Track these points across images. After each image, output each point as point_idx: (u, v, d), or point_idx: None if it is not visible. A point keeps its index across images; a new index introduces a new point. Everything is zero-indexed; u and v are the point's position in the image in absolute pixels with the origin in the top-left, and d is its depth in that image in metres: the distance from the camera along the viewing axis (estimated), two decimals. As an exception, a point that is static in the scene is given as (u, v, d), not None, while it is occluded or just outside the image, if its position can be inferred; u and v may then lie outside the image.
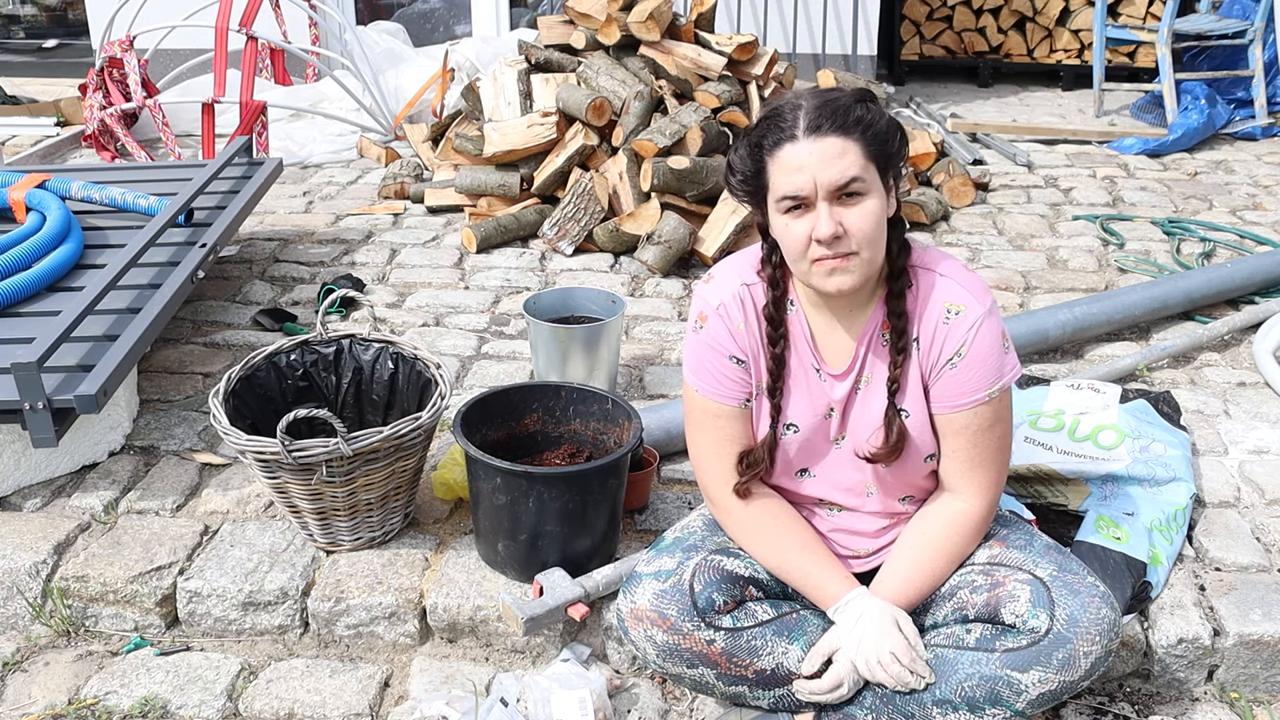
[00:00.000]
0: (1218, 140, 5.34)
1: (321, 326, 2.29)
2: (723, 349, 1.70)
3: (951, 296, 1.63)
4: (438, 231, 3.93)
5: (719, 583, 1.70)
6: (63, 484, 2.34)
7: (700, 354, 1.72)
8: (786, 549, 1.73)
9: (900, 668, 1.63)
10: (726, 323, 1.70)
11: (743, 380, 1.71)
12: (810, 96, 1.57)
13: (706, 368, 1.72)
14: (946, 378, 1.64)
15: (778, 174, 1.56)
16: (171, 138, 4.75)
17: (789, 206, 1.56)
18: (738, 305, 1.70)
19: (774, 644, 1.70)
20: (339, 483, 1.98)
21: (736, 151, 1.62)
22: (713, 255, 3.53)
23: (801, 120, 1.54)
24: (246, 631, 2.06)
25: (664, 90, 3.85)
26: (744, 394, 1.72)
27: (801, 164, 1.53)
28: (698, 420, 1.76)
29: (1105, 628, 1.60)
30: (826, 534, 1.82)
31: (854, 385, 1.71)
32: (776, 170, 1.56)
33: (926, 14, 6.68)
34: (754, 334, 1.70)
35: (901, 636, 1.65)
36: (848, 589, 1.70)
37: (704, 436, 1.76)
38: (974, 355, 1.62)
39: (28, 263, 2.63)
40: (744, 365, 1.71)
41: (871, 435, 1.71)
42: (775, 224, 1.60)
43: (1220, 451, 2.50)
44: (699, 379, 1.73)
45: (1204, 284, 3.19)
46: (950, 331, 1.63)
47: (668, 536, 1.84)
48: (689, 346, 1.75)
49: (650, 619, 1.68)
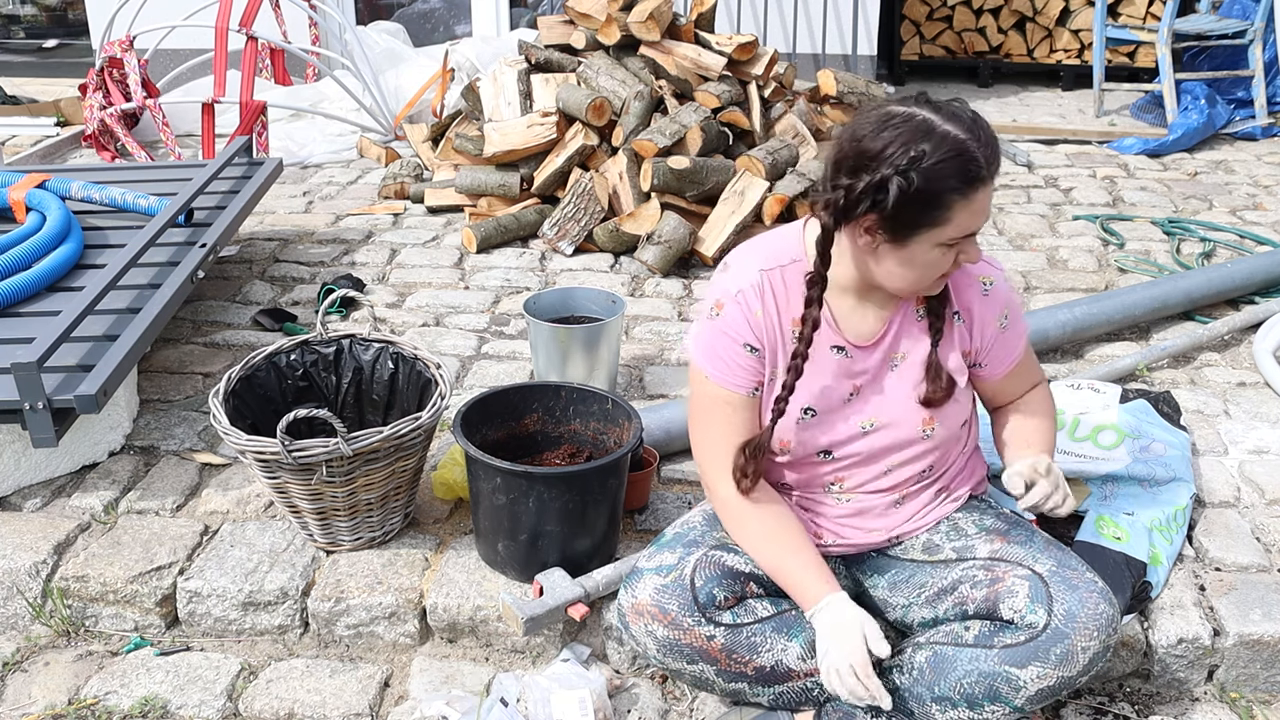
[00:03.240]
0: (1218, 140, 5.34)
1: (321, 326, 2.29)
2: (738, 336, 1.70)
3: (979, 270, 1.76)
4: (438, 231, 3.93)
5: (720, 578, 1.70)
6: (63, 484, 2.34)
7: (714, 340, 1.71)
8: (776, 547, 1.72)
9: (855, 682, 1.60)
10: (744, 310, 1.69)
11: (754, 369, 1.71)
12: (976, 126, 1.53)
13: (719, 354, 1.71)
14: (999, 340, 1.79)
15: (963, 214, 1.54)
16: (172, 138, 4.75)
17: (955, 241, 1.57)
18: (756, 293, 1.69)
19: (773, 641, 1.70)
20: (339, 483, 1.98)
21: (905, 177, 1.49)
22: (712, 255, 3.53)
23: (988, 162, 1.53)
24: (246, 631, 2.06)
25: (664, 90, 3.85)
26: (754, 383, 1.72)
27: (985, 207, 1.55)
28: (705, 407, 1.75)
29: (1103, 623, 1.61)
30: (837, 521, 1.82)
31: (885, 360, 1.73)
32: (963, 210, 1.53)
33: (926, 14, 6.68)
34: (771, 322, 1.70)
35: (863, 650, 1.62)
36: (826, 593, 1.68)
37: (710, 423, 1.75)
38: (1013, 314, 1.80)
39: (28, 263, 2.63)
40: (758, 354, 1.70)
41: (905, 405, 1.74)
42: (919, 252, 1.57)
43: (1220, 451, 2.50)
44: (710, 365, 1.72)
45: (1204, 284, 3.19)
46: (991, 301, 1.77)
47: (668, 532, 1.84)
48: (702, 333, 1.73)
49: (651, 613, 1.68)
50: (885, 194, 1.51)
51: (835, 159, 1.58)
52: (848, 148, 1.56)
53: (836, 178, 1.57)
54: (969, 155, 1.50)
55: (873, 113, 1.56)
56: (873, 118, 1.55)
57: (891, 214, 1.53)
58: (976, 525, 1.82)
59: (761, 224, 3.63)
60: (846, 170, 1.56)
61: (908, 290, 1.65)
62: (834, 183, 1.57)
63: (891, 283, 1.64)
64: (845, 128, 1.59)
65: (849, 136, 1.57)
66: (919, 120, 1.52)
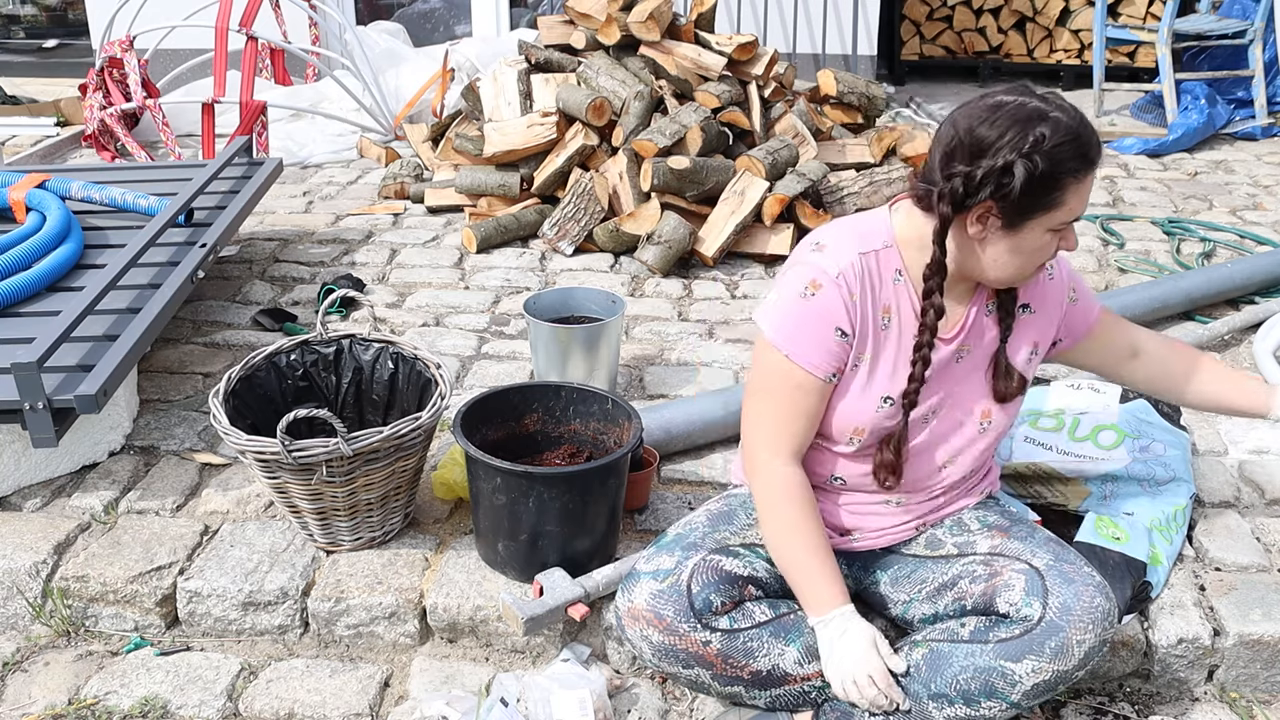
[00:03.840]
0: (1218, 140, 5.34)
1: (321, 326, 2.29)
2: (831, 319, 1.65)
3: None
4: (438, 231, 3.93)
5: (717, 584, 1.69)
6: (63, 484, 2.34)
7: (803, 321, 1.66)
8: (800, 542, 1.69)
9: (876, 691, 1.63)
10: (842, 294, 1.65)
11: (839, 354, 1.67)
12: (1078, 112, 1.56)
13: (806, 335, 1.66)
14: (1073, 312, 1.86)
15: (1075, 197, 1.56)
16: (172, 138, 4.75)
17: (1063, 226, 1.59)
18: (855, 277, 1.65)
19: (770, 646, 1.69)
20: (339, 483, 1.98)
21: (1030, 159, 1.52)
22: (712, 255, 3.53)
23: (1098, 145, 1.56)
24: (246, 631, 2.06)
25: (664, 90, 3.85)
26: (834, 368, 1.68)
27: (1090, 192, 1.59)
28: (772, 385, 1.70)
29: (1099, 616, 1.61)
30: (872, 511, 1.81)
31: (955, 353, 1.73)
32: (1075, 194, 1.56)
33: (926, 14, 6.68)
34: (866, 308, 1.67)
35: (880, 660, 1.65)
36: (835, 605, 1.67)
37: (773, 402, 1.70)
38: (1078, 286, 1.87)
39: (28, 263, 2.63)
40: (847, 339, 1.67)
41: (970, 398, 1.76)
42: (1030, 238, 1.59)
43: (1220, 451, 2.50)
44: (792, 345, 1.66)
45: (1204, 284, 3.19)
46: (1056, 285, 1.82)
47: (670, 533, 1.83)
48: (789, 311, 1.67)
49: (646, 619, 1.68)
50: (1010, 177, 1.52)
51: (947, 149, 1.58)
52: (960, 137, 1.56)
53: (950, 166, 1.57)
54: (1085, 138, 1.54)
55: (978, 103, 1.57)
56: (981, 107, 1.56)
57: (1012, 198, 1.54)
58: (980, 521, 1.83)
59: (761, 224, 3.63)
60: (962, 158, 1.56)
61: (1008, 279, 1.65)
62: (948, 172, 1.57)
63: (995, 271, 1.63)
64: (951, 119, 1.59)
65: (960, 126, 1.57)
66: (1031, 106, 1.53)
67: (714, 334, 3.12)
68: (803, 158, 3.90)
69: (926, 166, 1.63)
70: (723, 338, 3.09)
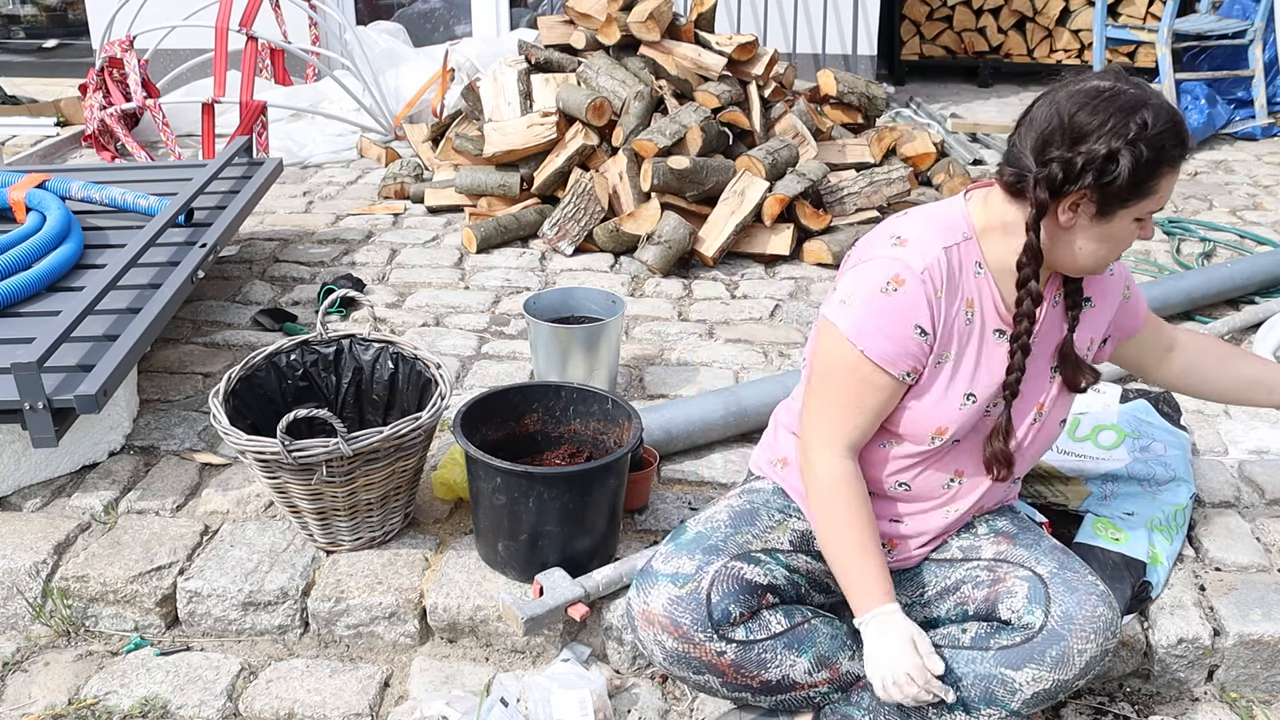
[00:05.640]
0: (1218, 140, 5.34)
1: (321, 326, 2.29)
2: (912, 316, 1.60)
3: None
4: (438, 231, 3.93)
5: (737, 593, 1.65)
6: (63, 484, 2.34)
7: (884, 316, 1.60)
8: (855, 537, 1.64)
9: (917, 689, 1.58)
10: (927, 290, 1.59)
11: (917, 354, 1.62)
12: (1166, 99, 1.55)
13: (884, 331, 1.60)
14: (1124, 308, 1.86)
15: (1166, 185, 1.54)
16: (172, 138, 4.75)
17: (1148, 214, 1.57)
18: (941, 272, 1.60)
19: (783, 657, 1.67)
20: (339, 483, 1.98)
21: (1135, 147, 1.49)
22: (712, 255, 3.53)
23: (1190, 136, 1.55)
24: (246, 631, 2.06)
25: (664, 90, 3.85)
26: (910, 368, 1.62)
27: (1177, 180, 1.59)
28: (840, 379, 1.64)
29: (1101, 626, 1.60)
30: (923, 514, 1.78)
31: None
32: (1168, 181, 1.54)
33: (926, 14, 6.68)
34: (949, 305, 1.63)
35: (917, 657, 1.59)
36: (878, 603, 1.62)
37: (840, 396, 1.64)
38: (1131, 283, 1.87)
39: (28, 263, 2.63)
40: (927, 338, 1.61)
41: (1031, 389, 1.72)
42: (1119, 226, 1.57)
43: (1220, 451, 2.50)
44: (869, 340, 1.60)
45: (1204, 284, 3.19)
46: (1115, 280, 1.82)
47: (690, 529, 1.77)
48: (868, 305, 1.60)
49: (661, 624, 1.65)
50: (1115, 164, 1.50)
51: (1043, 136, 1.54)
52: (1058, 123, 1.52)
53: (1047, 152, 1.53)
54: (1181, 125, 1.53)
55: (1073, 89, 1.54)
56: (1078, 94, 1.53)
57: (1115, 186, 1.52)
58: (988, 526, 1.81)
59: (761, 224, 3.63)
60: (1061, 145, 1.52)
61: (1091, 268, 1.62)
62: (1044, 158, 1.53)
63: (1080, 260, 1.61)
64: (1044, 107, 1.56)
65: (1057, 113, 1.53)
66: (1131, 93, 1.51)
67: (714, 334, 3.12)
68: (803, 158, 3.90)
69: (1014, 152, 1.59)
70: (723, 338, 3.09)
